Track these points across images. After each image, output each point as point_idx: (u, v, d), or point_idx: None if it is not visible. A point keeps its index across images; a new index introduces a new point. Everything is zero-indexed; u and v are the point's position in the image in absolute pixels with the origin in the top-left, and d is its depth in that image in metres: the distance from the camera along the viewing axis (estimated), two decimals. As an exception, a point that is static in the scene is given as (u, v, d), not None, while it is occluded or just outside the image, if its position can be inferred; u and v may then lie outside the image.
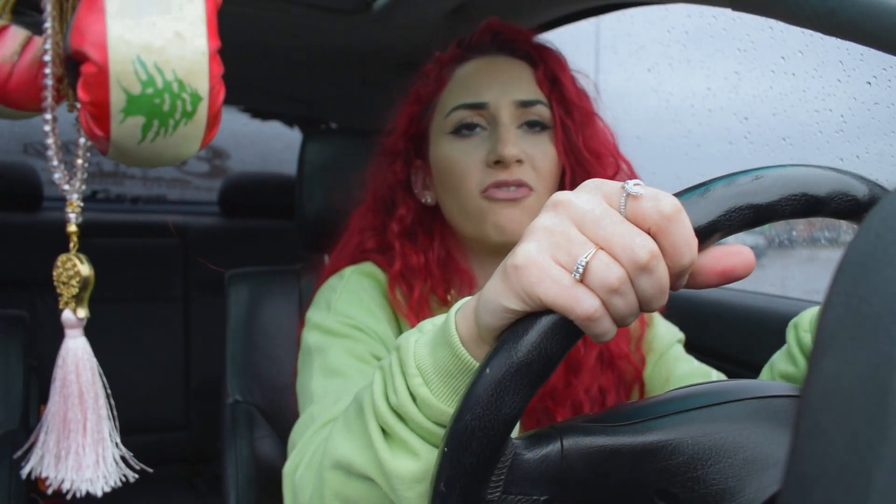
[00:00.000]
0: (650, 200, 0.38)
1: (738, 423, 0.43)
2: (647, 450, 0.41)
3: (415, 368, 0.47)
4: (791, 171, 0.41)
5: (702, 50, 0.91)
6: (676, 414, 0.43)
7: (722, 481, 0.41)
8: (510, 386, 0.38)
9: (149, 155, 0.50)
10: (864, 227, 0.28)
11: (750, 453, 0.42)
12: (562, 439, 0.41)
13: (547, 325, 0.38)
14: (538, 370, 0.38)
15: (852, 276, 0.26)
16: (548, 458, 0.41)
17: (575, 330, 0.38)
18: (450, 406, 0.46)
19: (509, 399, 0.38)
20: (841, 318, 0.26)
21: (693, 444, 0.42)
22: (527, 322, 0.39)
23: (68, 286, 0.59)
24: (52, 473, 0.59)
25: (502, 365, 0.38)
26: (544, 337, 0.38)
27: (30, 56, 0.59)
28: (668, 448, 0.41)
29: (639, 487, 0.42)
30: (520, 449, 0.41)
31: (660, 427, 0.42)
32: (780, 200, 0.40)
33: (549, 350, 0.38)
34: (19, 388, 1.09)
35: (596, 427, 0.42)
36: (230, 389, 1.12)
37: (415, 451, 0.48)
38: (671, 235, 0.38)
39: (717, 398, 0.44)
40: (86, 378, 0.59)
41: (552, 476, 0.41)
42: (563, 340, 0.38)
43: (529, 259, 0.38)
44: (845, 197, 0.41)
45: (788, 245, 1.47)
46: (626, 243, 0.37)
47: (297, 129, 2.39)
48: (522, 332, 0.38)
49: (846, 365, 0.24)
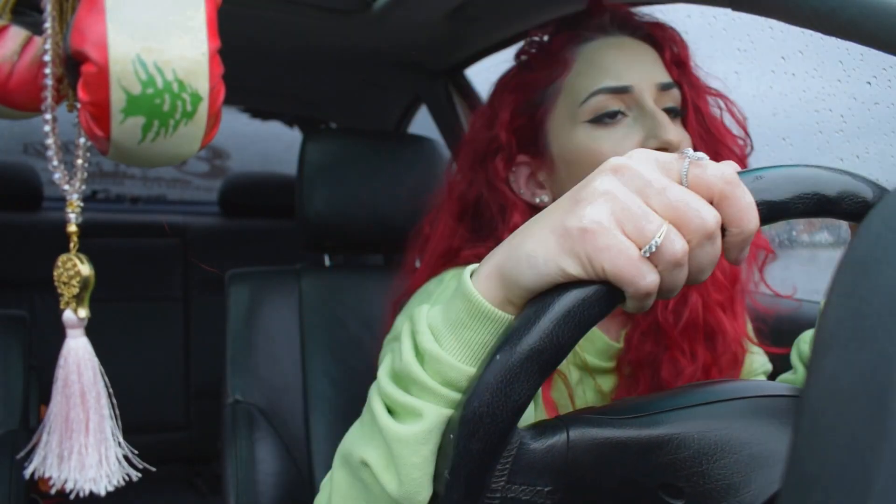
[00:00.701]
0: (714, 167, 0.38)
1: (745, 420, 0.43)
2: (652, 443, 0.41)
3: (426, 327, 0.45)
4: (801, 171, 0.41)
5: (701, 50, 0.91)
6: (683, 409, 0.43)
7: (727, 477, 0.41)
8: (520, 373, 0.37)
9: (149, 155, 0.50)
10: (864, 227, 0.28)
11: (755, 450, 0.42)
12: (568, 430, 0.41)
13: (559, 312, 0.38)
14: (549, 358, 0.38)
15: (852, 276, 0.27)
16: (553, 449, 0.41)
17: (588, 318, 0.38)
18: (459, 360, 0.43)
19: (519, 386, 0.38)
20: (841, 317, 0.26)
21: (699, 438, 0.42)
22: (539, 308, 0.38)
23: (69, 286, 0.59)
24: (56, 473, 0.59)
25: (513, 352, 0.38)
26: (556, 325, 0.38)
27: (30, 56, 0.59)
28: (674, 442, 0.42)
29: (644, 481, 0.42)
30: (526, 438, 0.41)
31: (666, 421, 0.42)
32: (793, 199, 0.40)
33: (561, 338, 0.38)
34: (19, 388, 1.09)
35: (602, 419, 0.42)
36: (230, 389, 1.12)
37: (418, 413, 0.44)
38: (738, 200, 0.37)
39: (724, 395, 0.45)
40: (87, 378, 0.59)
41: (557, 467, 0.41)
42: (575, 329, 0.38)
43: (600, 225, 0.37)
44: (856, 198, 0.42)
45: (788, 245, 1.47)
46: (694, 215, 0.37)
47: (297, 129, 2.39)
48: (534, 319, 0.38)
49: (846, 364, 0.24)
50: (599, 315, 0.38)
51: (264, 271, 1.22)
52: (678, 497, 0.41)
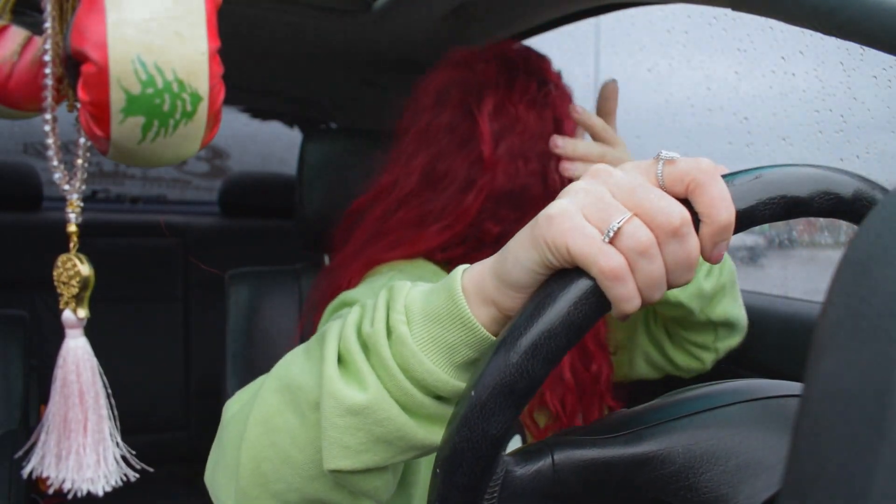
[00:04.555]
0: (685, 161, 0.39)
1: (729, 428, 0.43)
2: (638, 460, 0.41)
3: (402, 306, 0.46)
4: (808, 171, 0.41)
5: (702, 50, 0.91)
6: (667, 422, 0.43)
7: (715, 488, 0.41)
8: (494, 408, 0.38)
9: (149, 155, 0.50)
10: (864, 227, 0.28)
11: (742, 459, 0.42)
12: (552, 454, 0.41)
13: (527, 346, 0.38)
14: (522, 390, 0.38)
15: (852, 276, 0.26)
16: (539, 474, 0.41)
17: (558, 351, 0.38)
18: (424, 352, 0.44)
19: (495, 420, 0.38)
20: (840, 317, 0.26)
21: (684, 452, 0.42)
22: (508, 341, 0.38)
23: (69, 286, 0.59)
24: (53, 473, 0.59)
25: (486, 387, 0.38)
26: (526, 359, 0.38)
27: (30, 56, 0.59)
28: (659, 458, 0.42)
29: (632, 498, 0.42)
30: (511, 465, 0.41)
31: (650, 437, 0.42)
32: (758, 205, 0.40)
33: (532, 371, 0.38)
34: (19, 388, 1.09)
35: (586, 440, 0.42)
36: (230, 389, 1.12)
37: (365, 385, 0.45)
38: (711, 188, 0.38)
39: (707, 403, 0.44)
40: (86, 378, 0.59)
41: (545, 491, 0.41)
42: (545, 363, 0.38)
43: (564, 210, 0.39)
44: (827, 195, 0.41)
45: (789, 245, 1.47)
46: (658, 207, 0.38)
47: (297, 129, 2.39)
48: (505, 353, 0.38)
49: (846, 365, 0.24)
50: (566, 347, 0.38)
51: (264, 271, 1.22)
52: None
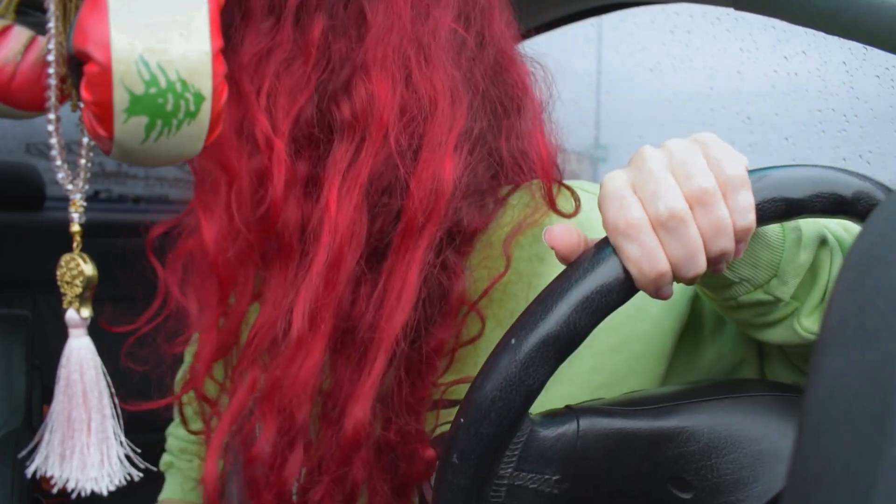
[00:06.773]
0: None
1: (755, 416, 0.43)
2: (663, 435, 0.41)
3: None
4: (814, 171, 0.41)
5: (704, 50, 0.91)
6: (694, 402, 0.43)
7: (735, 471, 0.41)
8: (536, 358, 0.37)
9: (152, 155, 0.50)
10: (867, 227, 0.28)
11: (764, 446, 0.42)
12: (578, 419, 0.41)
13: (577, 297, 0.37)
14: (566, 344, 0.37)
15: (856, 276, 0.26)
16: (563, 437, 0.40)
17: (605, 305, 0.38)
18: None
19: (534, 371, 0.37)
20: (844, 317, 0.26)
21: (709, 432, 0.42)
22: (556, 292, 0.38)
23: (72, 286, 0.60)
24: (57, 473, 0.59)
25: (529, 336, 0.37)
26: (574, 311, 0.37)
27: (33, 56, 0.59)
28: (685, 435, 0.41)
29: (652, 473, 0.41)
30: (536, 425, 0.40)
31: (677, 413, 0.42)
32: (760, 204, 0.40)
33: (578, 325, 0.37)
34: (22, 388, 1.09)
35: (613, 409, 0.42)
36: (232, 389, 1.12)
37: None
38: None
39: (734, 391, 0.45)
40: (90, 377, 0.59)
41: (566, 456, 0.40)
42: (592, 316, 0.37)
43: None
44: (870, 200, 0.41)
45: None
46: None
47: (299, 129, 2.39)
48: (551, 304, 0.37)
49: (850, 364, 0.24)
50: (617, 302, 0.38)
51: None
52: (687, 490, 0.41)
